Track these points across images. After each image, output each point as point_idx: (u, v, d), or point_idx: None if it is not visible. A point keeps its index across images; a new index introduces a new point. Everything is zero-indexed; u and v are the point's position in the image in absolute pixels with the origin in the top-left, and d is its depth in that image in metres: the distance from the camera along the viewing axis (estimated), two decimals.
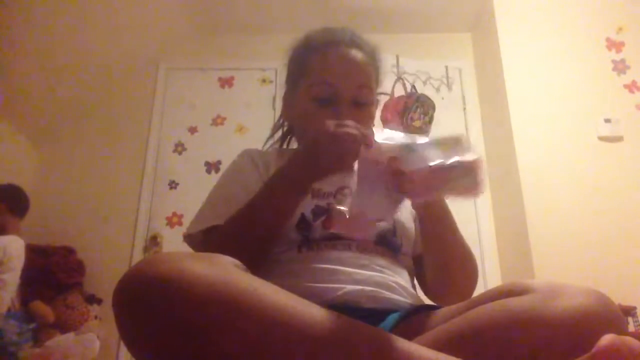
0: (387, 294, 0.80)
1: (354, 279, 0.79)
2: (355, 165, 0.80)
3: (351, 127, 0.73)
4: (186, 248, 0.90)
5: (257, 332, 0.50)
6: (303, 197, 0.82)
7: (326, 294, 0.75)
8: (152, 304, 0.50)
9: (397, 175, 0.65)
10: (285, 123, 1.10)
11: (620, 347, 0.46)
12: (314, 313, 0.55)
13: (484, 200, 2.78)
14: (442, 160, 0.63)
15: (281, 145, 1.11)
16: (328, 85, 0.95)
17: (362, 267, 0.82)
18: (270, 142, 1.12)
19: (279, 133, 1.12)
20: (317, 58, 0.98)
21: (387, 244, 0.88)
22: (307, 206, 0.87)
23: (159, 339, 0.50)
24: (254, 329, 0.50)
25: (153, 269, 0.52)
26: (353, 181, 0.91)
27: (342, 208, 0.68)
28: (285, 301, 0.54)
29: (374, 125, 1.02)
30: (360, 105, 0.96)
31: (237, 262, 0.60)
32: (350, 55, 0.97)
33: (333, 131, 0.74)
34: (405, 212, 0.95)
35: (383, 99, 1.05)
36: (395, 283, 0.83)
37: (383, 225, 0.89)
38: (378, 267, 0.83)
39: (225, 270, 0.54)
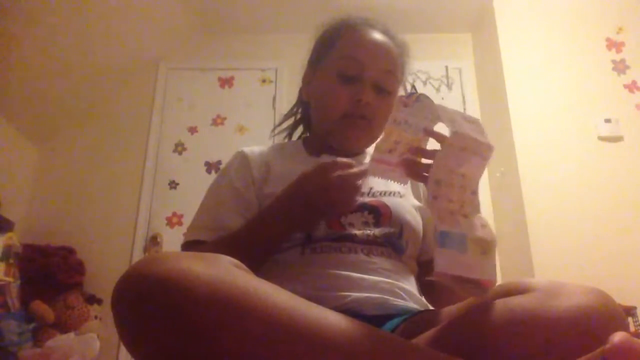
0: (393, 301, 0.78)
1: (359, 286, 0.77)
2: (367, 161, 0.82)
3: (350, 168, 0.76)
4: None
5: (259, 332, 0.50)
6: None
7: (331, 302, 0.72)
8: (152, 304, 0.50)
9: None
10: (299, 111, 1.08)
11: (632, 344, 0.45)
12: (316, 313, 0.55)
13: (484, 201, 2.78)
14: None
15: (290, 134, 1.10)
16: (356, 61, 0.93)
17: (369, 271, 0.79)
18: (280, 128, 1.11)
19: (290, 121, 1.10)
20: (349, 34, 0.97)
21: (392, 245, 0.86)
22: None
23: (159, 339, 0.50)
24: (256, 329, 0.50)
25: (153, 268, 0.51)
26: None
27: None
28: (287, 301, 0.54)
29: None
30: (382, 92, 0.94)
31: (237, 262, 0.59)
32: (382, 39, 0.97)
33: (338, 178, 0.76)
34: (414, 213, 0.93)
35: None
36: (402, 289, 0.81)
37: (389, 227, 0.87)
38: (385, 272, 0.81)
39: (225, 270, 0.54)
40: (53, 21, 2.44)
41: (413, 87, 3.47)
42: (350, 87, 0.93)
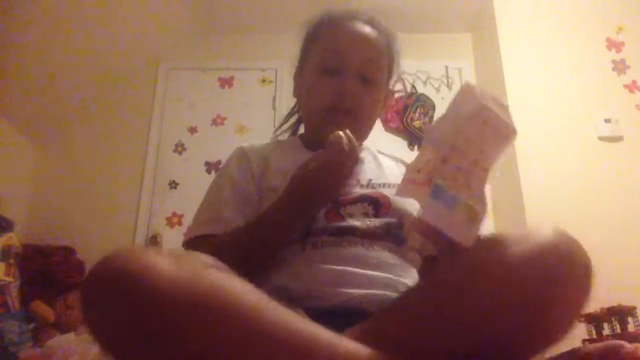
0: (394, 297, 0.77)
1: (360, 282, 0.76)
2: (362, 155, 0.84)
3: (343, 144, 0.77)
4: None
5: (225, 333, 0.49)
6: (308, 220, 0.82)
7: (332, 298, 0.73)
8: (115, 302, 0.49)
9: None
10: (298, 110, 1.08)
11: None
12: (284, 316, 0.54)
13: None
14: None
15: (294, 132, 1.09)
16: (336, 53, 0.92)
17: (369, 266, 0.78)
18: (282, 129, 1.10)
19: (293, 120, 1.10)
20: (329, 27, 0.96)
21: (393, 237, 0.84)
22: None
23: (125, 337, 0.49)
24: (222, 330, 0.49)
25: (119, 264, 0.50)
26: (358, 171, 0.90)
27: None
28: (257, 302, 0.53)
29: (378, 110, 0.99)
30: (367, 82, 0.92)
31: (213, 260, 0.58)
32: (363, 28, 0.95)
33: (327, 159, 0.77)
34: (414, 202, 0.91)
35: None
36: (403, 285, 0.80)
37: (388, 218, 0.85)
38: (386, 266, 0.80)
39: (193, 269, 0.53)
40: (53, 21, 2.44)
41: (413, 87, 3.45)
42: (333, 80, 0.91)
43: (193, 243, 0.87)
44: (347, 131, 0.79)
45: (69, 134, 2.98)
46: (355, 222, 0.82)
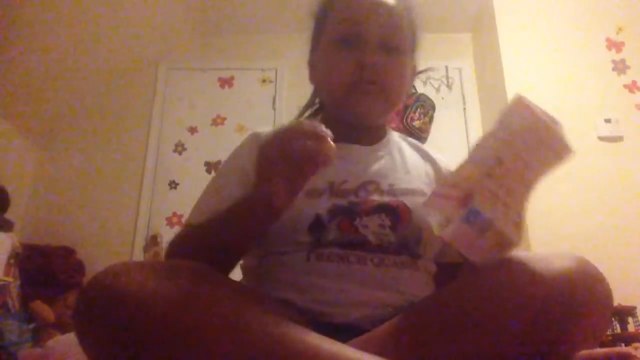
0: None
1: (362, 302, 0.71)
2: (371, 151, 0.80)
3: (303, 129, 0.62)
4: None
5: (218, 351, 0.49)
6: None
7: (335, 317, 0.69)
8: (102, 321, 0.49)
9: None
10: (316, 101, 0.99)
11: None
12: (276, 325, 0.53)
13: None
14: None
15: None
16: (353, 22, 0.83)
17: (376, 286, 0.72)
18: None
19: (307, 114, 1.01)
20: (342, 1, 0.88)
21: (408, 252, 0.77)
22: (323, 204, 0.75)
23: (111, 356, 0.49)
24: (215, 348, 0.49)
25: (108, 282, 0.51)
26: (379, 174, 0.84)
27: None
28: (248, 314, 0.53)
29: (407, 82, 0.90)
30: (390, 50, 0.83)
31: (201, 268, 0.57)
32: None
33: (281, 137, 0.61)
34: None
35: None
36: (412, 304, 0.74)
37: (407, 230, 0.78)
38: (396, 285, 0.74)
39: (180, 285, 0.52)
40: (53, 22, 2.44)
41: (413, 87, 3.45)
42: (353, 52, 0.82)
43: (185, 232, 0.83)
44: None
45: (69, 134, 2.98)
46: (369, 236, 0.74)
